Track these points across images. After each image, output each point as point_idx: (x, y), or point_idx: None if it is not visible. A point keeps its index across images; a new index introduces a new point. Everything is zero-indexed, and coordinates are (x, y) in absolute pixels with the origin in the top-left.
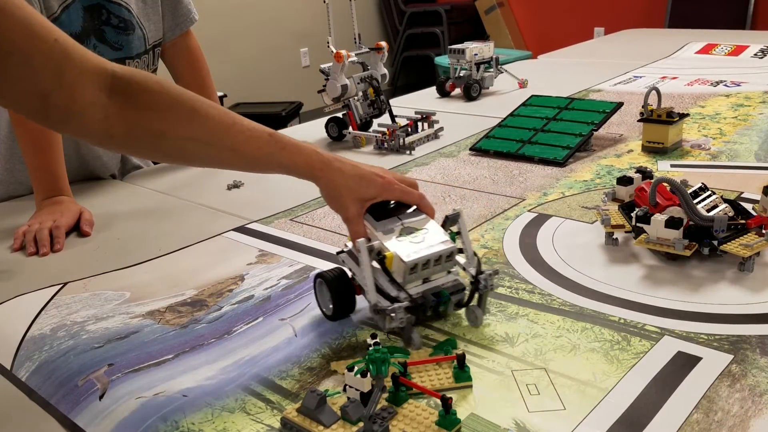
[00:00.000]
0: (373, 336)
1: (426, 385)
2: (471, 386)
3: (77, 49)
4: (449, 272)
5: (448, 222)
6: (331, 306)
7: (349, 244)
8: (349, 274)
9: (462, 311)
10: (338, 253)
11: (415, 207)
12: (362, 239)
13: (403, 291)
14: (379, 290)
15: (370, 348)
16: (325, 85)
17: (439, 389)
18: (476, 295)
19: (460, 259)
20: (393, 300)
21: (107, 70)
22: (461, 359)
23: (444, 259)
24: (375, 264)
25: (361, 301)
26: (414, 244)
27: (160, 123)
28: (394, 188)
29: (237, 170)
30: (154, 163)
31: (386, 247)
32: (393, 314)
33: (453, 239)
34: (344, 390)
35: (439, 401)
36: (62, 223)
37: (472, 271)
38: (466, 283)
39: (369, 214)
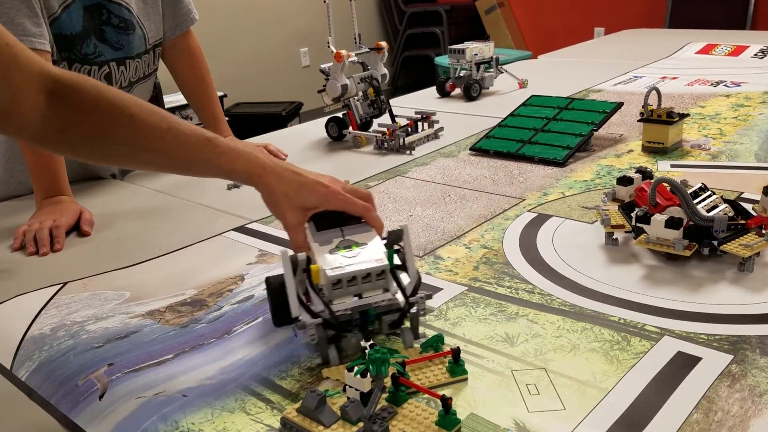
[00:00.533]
0: (367, 339)
1: (422, 382)
2: (466, 379)
3: (24, 53)
4: (386, 290)
5: (391, 238)
6: (269, 311)
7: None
8: None
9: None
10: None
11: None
12: (283, 250)
13: (327, 306)
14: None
15: (367, 350)
16: (325, 85)
17: (436, 385)
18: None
19: (406, 277)
20: (315, 315)
21: (49, 74)
22: (456, 353)
23: (374, 278)
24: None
25: None
26: (346, 258)
27: (94, 127)
28: (338, 198)
29: (176, 174)
30: None
31: (315, 260)
32: (304, 330)
33: (390, 257)
34: (344, 390)
35: (438, 401)
36: (62, 223)
37: (403, 294)
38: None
39: (313, 222)
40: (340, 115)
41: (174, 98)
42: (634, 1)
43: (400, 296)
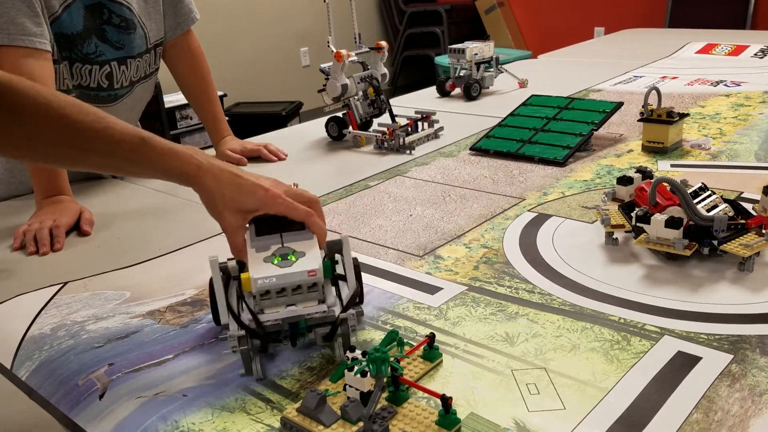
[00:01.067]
0: (352, 349)
1: (406, 378)
2: (442, 362)
3: None
4: (321, 302)
5: (331, 250)
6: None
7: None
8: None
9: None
10: (229, 260)
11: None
12: (213, 257)
13: (253, 316)
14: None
15: (349, 361)
16: (325, 85)
17: (419, 377)
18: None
19: (345, 288)
20: (242, 324)
21: None
22: (432, 338)
23: (306, 289)
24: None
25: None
26: (279, 267)
27: (31, 128)
28: (278, 202)
29: (113, 173)
30: None
31: (248, 267)
32: (228, 340)
33: (328, 268)
34: (344, 390)
35: (439, 401)
36: (62, 223)
37: (337, 308)
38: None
39: (254, 226)
40: (340, 114)
41: (174, 98)
42: (634, 1)
43: (338, 308)
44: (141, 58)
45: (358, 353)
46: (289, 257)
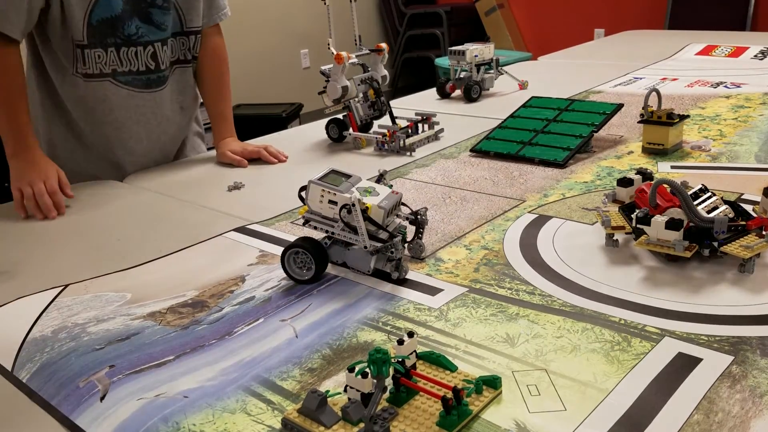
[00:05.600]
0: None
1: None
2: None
3: None
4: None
5: (383, 179)
6: (313, 267)
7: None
8: (318, 236)
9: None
10: (305, 222)
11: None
12: (354, 197)
13: (384, 231)
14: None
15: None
16: (325, 87)
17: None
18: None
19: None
20: (380, 240)
21: None
22: (454, 396)
23: (397, 206)
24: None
25: (361, 304)
26: (375, 197)
27: None
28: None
29: None
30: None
31: (363, 202)
32: (394, 249)
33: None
34: (345, 391)
35: (439, 401)
36: (55, 188)
37: (408, 210)
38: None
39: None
40: (340, 116)
41: None
42: (634, 3)
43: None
44: (175, 39)
45: None
46: (369, 192)
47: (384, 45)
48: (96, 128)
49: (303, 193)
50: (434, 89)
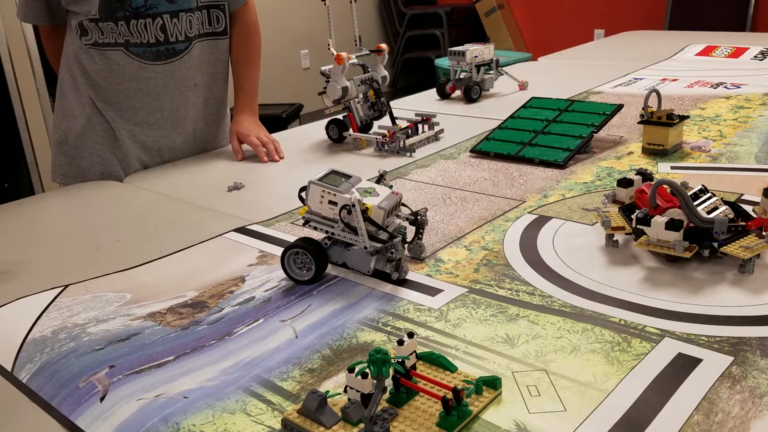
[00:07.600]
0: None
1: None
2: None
3: None
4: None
5: (383, 180)
6: (313, 267)
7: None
8: (318, 237)
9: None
10: (305, 223)
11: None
12: (354, 197)
13: (384, 231)
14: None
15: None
16: (325, 87)
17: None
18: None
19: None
20: (380, 240)
21: None
22: (454, 397)
23: (397, 206)
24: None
25: (361, 305)
26: (375, 198)
27: None
28: None
29: None
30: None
31: (363, 203)
32: (394, 249)
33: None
34: (345, 391)
35: (439, 402)
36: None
37: (408, 211)
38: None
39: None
40: (340, 117)
41: None
42: (634, 3)
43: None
44: (193, 14)
45: None
46: (369, 192)
47: (384, 45)
48: (110, 97)
49: (303, 194)
50: (434, 90)
